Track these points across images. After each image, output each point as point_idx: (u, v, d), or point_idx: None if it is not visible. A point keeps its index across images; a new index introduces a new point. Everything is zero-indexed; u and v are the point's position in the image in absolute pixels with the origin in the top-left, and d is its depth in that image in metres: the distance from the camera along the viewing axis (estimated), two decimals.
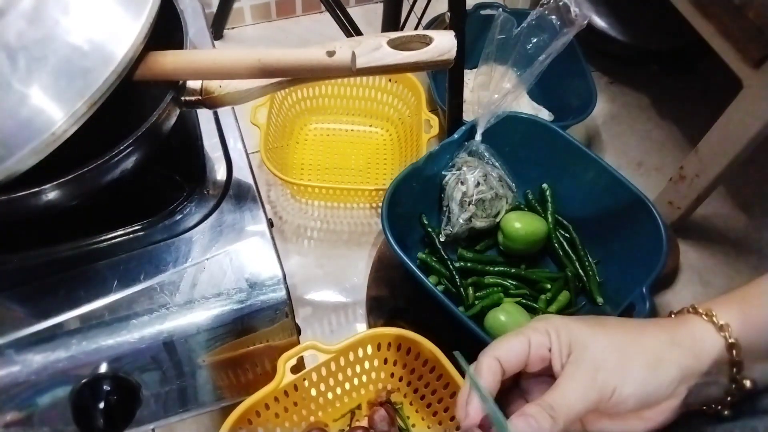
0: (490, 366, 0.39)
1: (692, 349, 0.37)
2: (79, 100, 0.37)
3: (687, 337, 0.38)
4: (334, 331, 0.81)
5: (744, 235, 0.94)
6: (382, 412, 0.65)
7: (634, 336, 0.39)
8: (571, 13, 0.69)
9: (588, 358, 0.37)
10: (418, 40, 0.43)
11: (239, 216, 0.52)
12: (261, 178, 0.93)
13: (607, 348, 0.38)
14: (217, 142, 0.58)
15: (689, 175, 0.82)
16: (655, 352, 0.37)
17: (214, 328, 0.48)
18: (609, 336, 0.38)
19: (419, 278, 0.66)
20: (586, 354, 0.37)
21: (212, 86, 0.46)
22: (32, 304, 0.46)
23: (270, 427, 0.61)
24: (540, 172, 0.84)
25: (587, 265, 0.79)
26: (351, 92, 1.00)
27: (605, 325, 0.40)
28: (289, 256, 0.87)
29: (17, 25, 0.38)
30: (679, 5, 0.76)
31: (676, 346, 0.37)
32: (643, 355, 0.37)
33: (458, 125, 0.80)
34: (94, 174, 0.40)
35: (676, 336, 0.38)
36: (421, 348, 0.62)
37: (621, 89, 1.14)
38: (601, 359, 0.37)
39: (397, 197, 0.73)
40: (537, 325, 0.40)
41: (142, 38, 0.41)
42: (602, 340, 0.38)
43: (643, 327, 0.39)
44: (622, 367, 0.37)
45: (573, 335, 0.39)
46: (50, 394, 0.45)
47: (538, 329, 0.40)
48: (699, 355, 0.37)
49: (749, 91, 0.70)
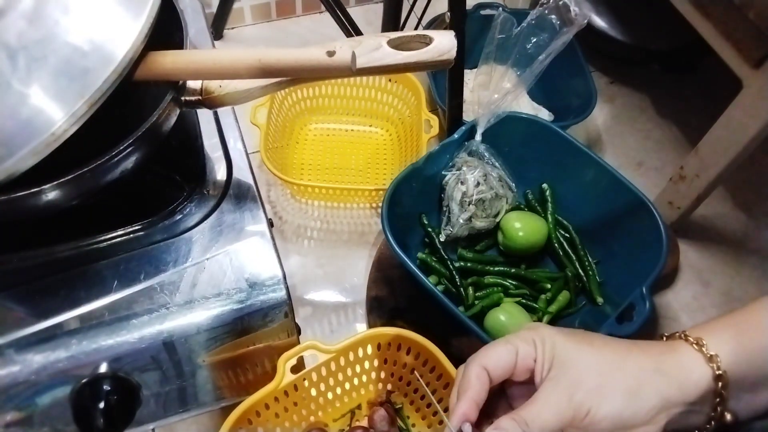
0: (478, 375, 0.40)
1: (678, 378, 0.37)
2: (79, 100, 0.37)
3: (674, 366, 0.38)
4: (334, 331, 0.81)
5: (744, 235, 0.94)
6: (382, 412, 0.65)
7: (618, 359, 0.39)
8: (571, 13, 0.69)
9: (568, 376, 0.38)
10: (418, 40, 0.43)
11: (239, 216, 0.52)
12: (261, 178, 0.93)
13: (588, 368, 0.38)
14: (217, 142, 0.58)
15: (689, 175, 0.82)
16: (637, 378, 0.37)
17: (214, 328, 0.48)
18: (593, 355, 0.39)
19: (419, 278, 0.66)
20: (566, 372, 0.38)
21: (212, 86, 0.46)
22: (32, 304, 0.46)
23: (270, 427, 0.61)
24: (540, 172, 0.84)
25: (587, 265, 0.79)
26: (351, 92, 1.00)
27: (592, 343, 0.40)
28: (289, 256, 0.87)
29: (17, 25, 0.38)
30: (679, 5, 0.76)
31: (660, 375, 0.37)
32: (623, 380, 0.37)
33: (458, 125, 0.80)
34: (94, 174, 0.40)
35: (662, 364, 0.38)
36: (421, 348, 0.62)
37: (621, 89, 1.14)
38: (580, 379, 0.37)
39: (397, 197, 0.73)
40: (525, 334, 0.41)
41: (142, 38, 0.41)
42: (585, 359, 0.38)
43: (628, 350, 0.39)
44: (600, 390, 0.37)
45: (557, 350, 0.39)
46: (50, 394, 0.45)
47: (525, 339, 0.40)
48: (683, 385, 0.37)
49: (749, 91, 0.70)
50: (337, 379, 0.65)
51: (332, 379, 0.64)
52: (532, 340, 0.40)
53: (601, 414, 0.36)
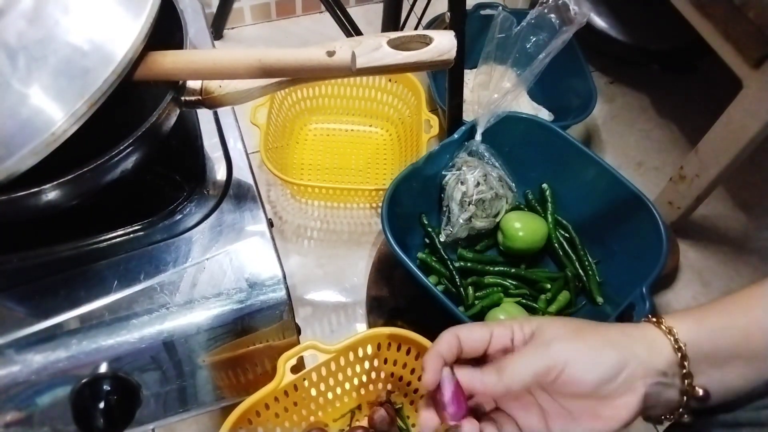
0: (448, 339, 0.41)
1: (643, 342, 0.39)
2: (79, 100, 0.37)
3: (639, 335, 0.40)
4: (334, 331, 0.81)
5: (744, 235, 0.94)
6: (382, 412, 0.65)
7: (591, 326, 0.41)
8: (571, 12, 0.69)
9: (545, 335, 0.40)
10: (418, 40, 0.43)
11: (239, 216, 0.52)
12: (261, 178, 0.93)
13: (565, 329, 0.40)
14: (217, 142, 0.58)
15: (689, 175, 0.82)
16: (608, 335, 0.40)
17: (214, 328, 0.48)
18: (569, 324, 0.41)
19: (419, 278, 0.66)
20: (544, 334, 0.40)
21: (212, 86, 0.46)
22: (32, 304, 0.46)
23: (270, 427, 0.61)
24: (540, 172, 0.84)
25: (587, 265, 0.79)
26: (351, 92, 1.00)
27: (568, 321, 0.42)
28: (289, 256, 0.87)
29: (17, 25, 0.38)
30: (679, 5, 0.76)
31: (628, 336, 0.40)
32: (596, 335, 0.40)
33: (458, 125, 0.80)
34: (94, 174, 0.40)
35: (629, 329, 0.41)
36: (420, 348, 0.62)
37: (621, 89, 1.14)
38: (556, 334, 0.40)
39: (397, 197, 0.73)
40: (503, 321, 0.43)
41: (142, 38, 0.41)
42: (562, 324, 0.41)
43: (599, 323, 0.42)
44: (575, 342, 0.39)
45: (536, 325, 0.41)
46: (50, 394, 0.45)
47: (503, 324, 0.42)
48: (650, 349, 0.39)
49: (749, 91, 0.70)
50: (337, 379, 0.65)
51: (332, 379, 0.64)
52: (510, 325, 0.42)
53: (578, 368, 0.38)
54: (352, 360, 0.64)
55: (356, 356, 0.64)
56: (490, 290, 0.77)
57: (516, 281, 0.78)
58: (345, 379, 0.66)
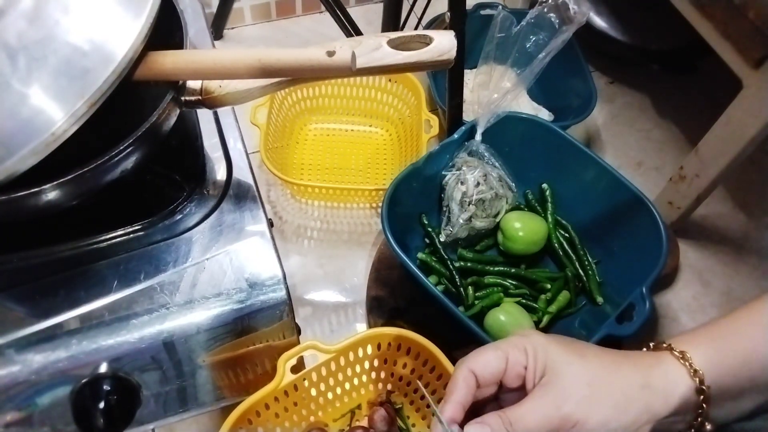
0: (465, 378, 0.40)
1: (664, 392, 0.38)
2: (79, 100, 0.37)
3: (661, 380, 0.38)
4: (334, 331, 0.81)
5: (744, 235, 0.94)
6: (382, 412, 0.65)
7: (607, 373, 0.39)
8: (570, 11, 0.69)
9: (558, 385, 0.38)
10: (418, 40, 0.43)
11: (239, 216, 0.52)
12: (261, 178, 0.93)
13: (579, 379, 0.38)
14: (217, 142, 0.58)
15: (689, 175, 0.82)
16: (626, 393, 0.38)
17: (214, 328, 0.48)
18: (584, 367, 0.39)
19: (419, 278, 0.66)
20: (557, 381, 0.38)
21: (212, 86, 0.46)
22: (32, 304, 0.46)
23: (270, 427, 0.61)
24: (540, 172, 0.84)
25: (587, 265, 0.79)
26: (351, 92, 1.00)
27: (584, 355, 0.40)
28: (289, 256, 0.87)
29: (17, 25, 0.38)
30: (679, 5, 0.76)
31: (648, 390, 0.38)
32: (612, 396, 0.38)
33: (458, 125, 0.80)
34: (94, 174, 0.40)
35: (649, 378, 0.39)
36: (421, 348, 0.62)
37: (621, 89, 1.14)
38: (570, 391, 0.38)
39: (397, 197, 0.73)
40: (517, 341, 0.41)
41: (142, 38, 0.41)
42: (576, 371, 0.39)
43: (619, 363, 0.40)
44: (589, 403, 0.37)
45: (550, 358, 0.39)
46: (50, 394, 0.45)
47: (517, 346, 0.40)
48: (669, 398, 0.38)
49: (749, 91, 0.70)
50: (337, 379, 0.65)
51: (332, 379, 0.64)
52: (524, 347, 0.40)
53: (588, 427, 0.37)
54: (352, 360, 0.64)
55: (356, 356, 0.64)
56: (490, 290, 0.77)
57: (516, 281, 0.78)
58: (345, 379, 0.66)
